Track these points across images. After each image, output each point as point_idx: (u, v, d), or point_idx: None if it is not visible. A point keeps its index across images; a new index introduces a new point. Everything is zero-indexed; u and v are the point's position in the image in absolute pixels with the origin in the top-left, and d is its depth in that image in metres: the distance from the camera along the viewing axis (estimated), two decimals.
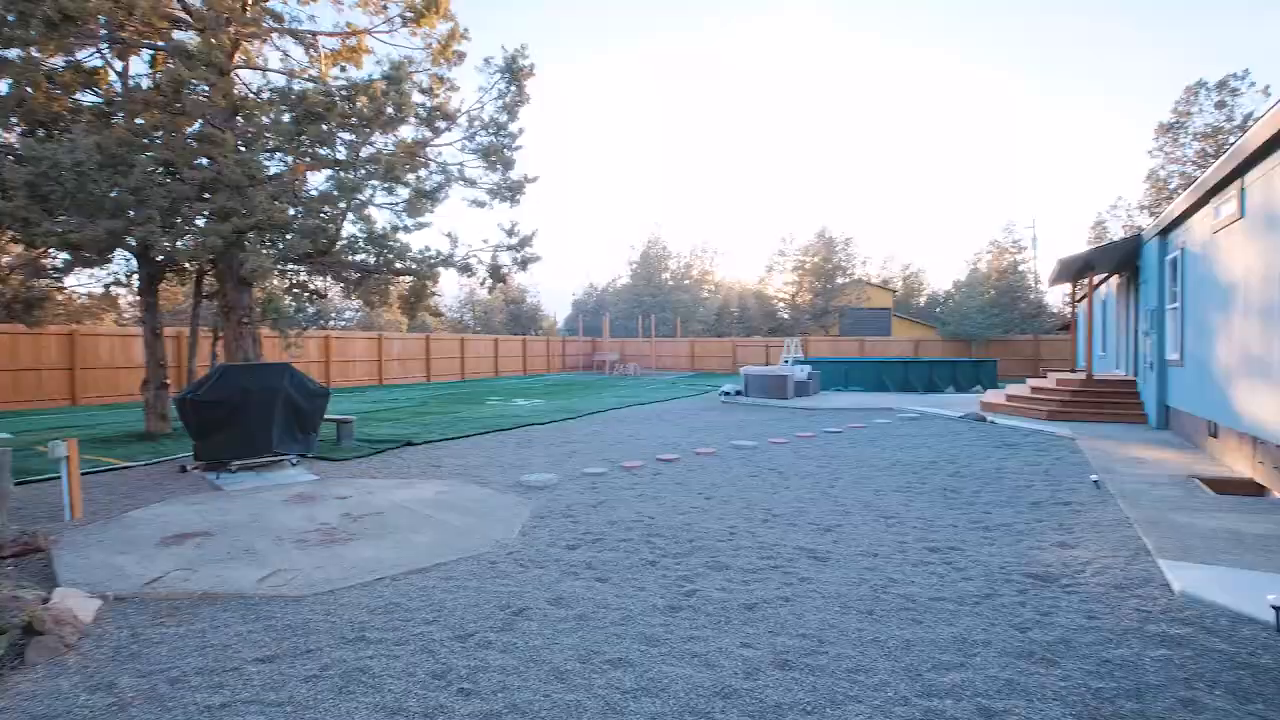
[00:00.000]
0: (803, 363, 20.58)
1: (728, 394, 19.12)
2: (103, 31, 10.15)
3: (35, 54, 9.71)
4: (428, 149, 12.15)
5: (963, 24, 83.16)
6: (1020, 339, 33.74)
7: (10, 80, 9.78)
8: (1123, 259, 14.46)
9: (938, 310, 47.23)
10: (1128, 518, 6.08)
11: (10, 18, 9.12)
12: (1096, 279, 16.86)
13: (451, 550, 5.37)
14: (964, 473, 8.46)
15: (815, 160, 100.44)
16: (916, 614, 4.04)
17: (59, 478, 6.71)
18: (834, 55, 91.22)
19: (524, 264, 12.39)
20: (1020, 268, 39.00)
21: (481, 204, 12.59)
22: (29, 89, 9.86)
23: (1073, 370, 17.15)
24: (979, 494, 7.26)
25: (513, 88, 11.93)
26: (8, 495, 6.46)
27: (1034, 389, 14.83)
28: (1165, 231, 11.57)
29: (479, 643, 3.67)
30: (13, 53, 9.63)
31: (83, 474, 7.54)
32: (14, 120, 10.20)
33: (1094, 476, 7.78)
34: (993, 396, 16.15)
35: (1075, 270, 15.35)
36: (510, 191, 12.40)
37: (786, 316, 45.93)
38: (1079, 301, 18.85)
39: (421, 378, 29.61)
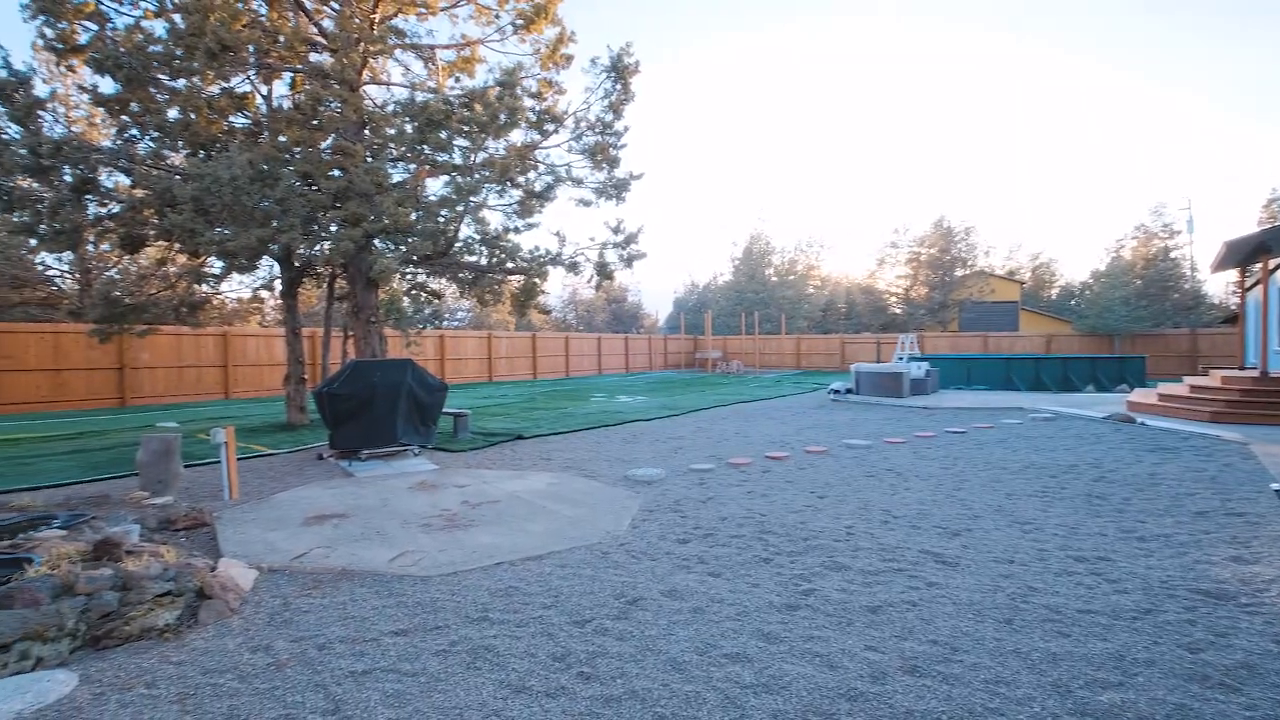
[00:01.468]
0: (919, 359, 19.49)
1: (837, 392, 18.45)
2: (251, 59, 11.21)
3: (197, 83, 10.89)
4: (536, 151, 12.53)
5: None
6: (1173, 333, 30.37)
7: (179, 108, 11.02)
8: None
9: (1073, 303, 43.35)
10: None
11: (179, 52, 10.26)
12: (1272, 263, 14.84)
13: (565, 539, 5.47)
14: (1111, 478, 7.67)
15: (931, 149, 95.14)
16: (1063, 626, 3.68)
17: (218, 462, 7.44)
18: (955, 40, 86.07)
19: (630, 261, 12.50)
20: (1172, 254, 35.03)
21: (588, 203, 12.84)
22: (193, 115, 11.07)
23: (1241, 367, 15.20)
24: (1130, 501, 6.56)
25: (618, 86, 12.08)
26: (179, 476, 7.27)
27: (1193, 388, 13.27)
28: None
29: (596, 629, 3.70)
30: (180, 83, 10.84)
31: (237, 459, 8.33)
32: (180, 144, 11.49)
33: (1275, 485, 6.83)
34: (1141, 396, 14.60)
35: (1245, 254, 13.58)
36: (616, 189, 12.56)
37: (899, 311, 43.78)
38: (1249, 290, 16.71)
39: (528, 375, 30.68)
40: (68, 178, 10.70)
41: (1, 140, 10.17)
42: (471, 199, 10.97)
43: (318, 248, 11.23)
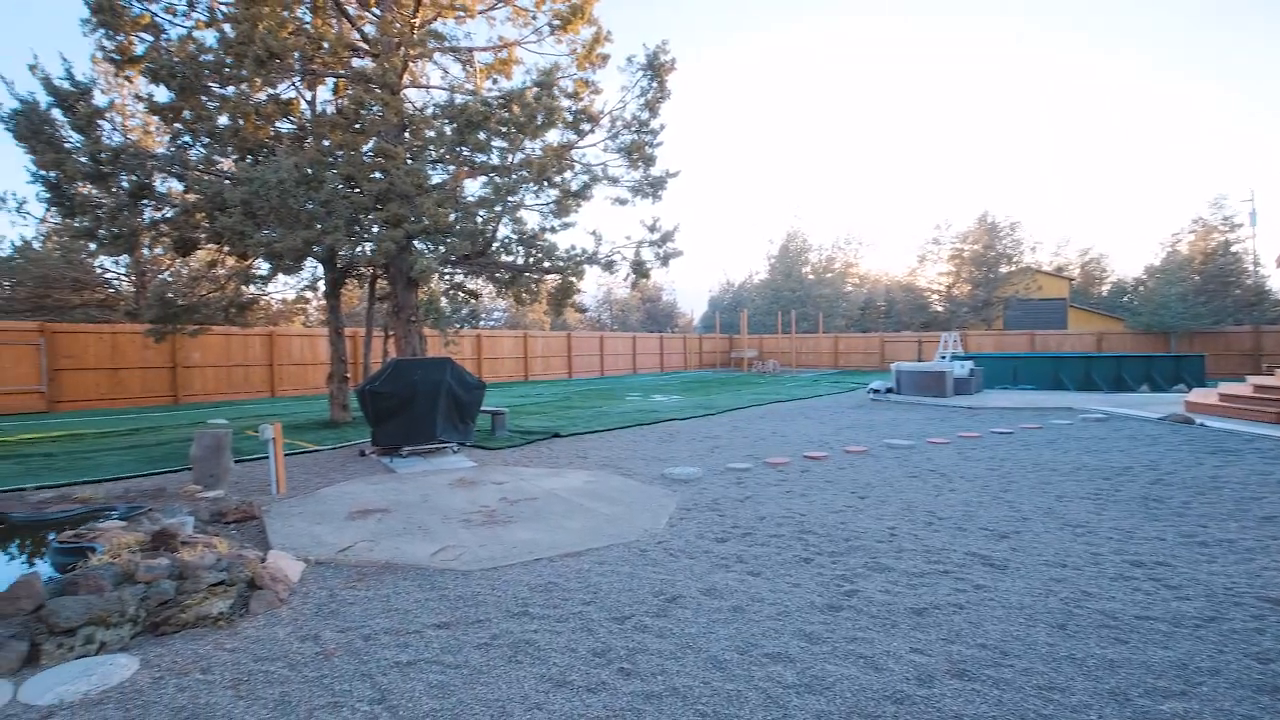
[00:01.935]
0: (962, 358, 19.02)
1: (877, 391, 18.13)
2: (296, 65, 11.52)
3: (246, 90, 11.23)
4: (573, 151, 12.59)
5: None
6: (1235, 330, 29.02)
7: (228, 114, 11.39)
8: None
9: (1125, 299, 41.78)
10: None
11: (229, 61, 10.60)
12: None
13: (602, 536, 5.48)
14: (1168, 481, 7.37)
15: (975, 144, 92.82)
16: (1120, 632, 3.54)
17: (266, 458, 7.66)
18: (1002, 32, 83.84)
19: (666, 259, 12.47)
20: (1233, 248, 33.49)
21: (624, 201, 12.85)
22: (241, 121, 11.42)
23: None
24: (1189, 505, 6.28)
25: (654, 84, 12.06)
26: (230, 470, 7.50)
27: (1257, 388, 12.66)
28: None
29: (635, 626, 3.69)
30: (230, 90, 11.20)
31: (284, 455, 8.55)
32: (230, 149, 11.87)
33: None
34: (1200, 396, 14.00)
35: None
36: (652, 188, 12.54)
37: (941, 309, 42.80)
38: None
39: (563, 374, 30.88)
40: (125, 184, 11.14)
41: (64, 148, 10.64)
42: (509, 199, 11.08)
43: (360, 248, 11.49)
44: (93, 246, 12.06)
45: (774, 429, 12.19)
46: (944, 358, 18.58)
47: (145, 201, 11.54)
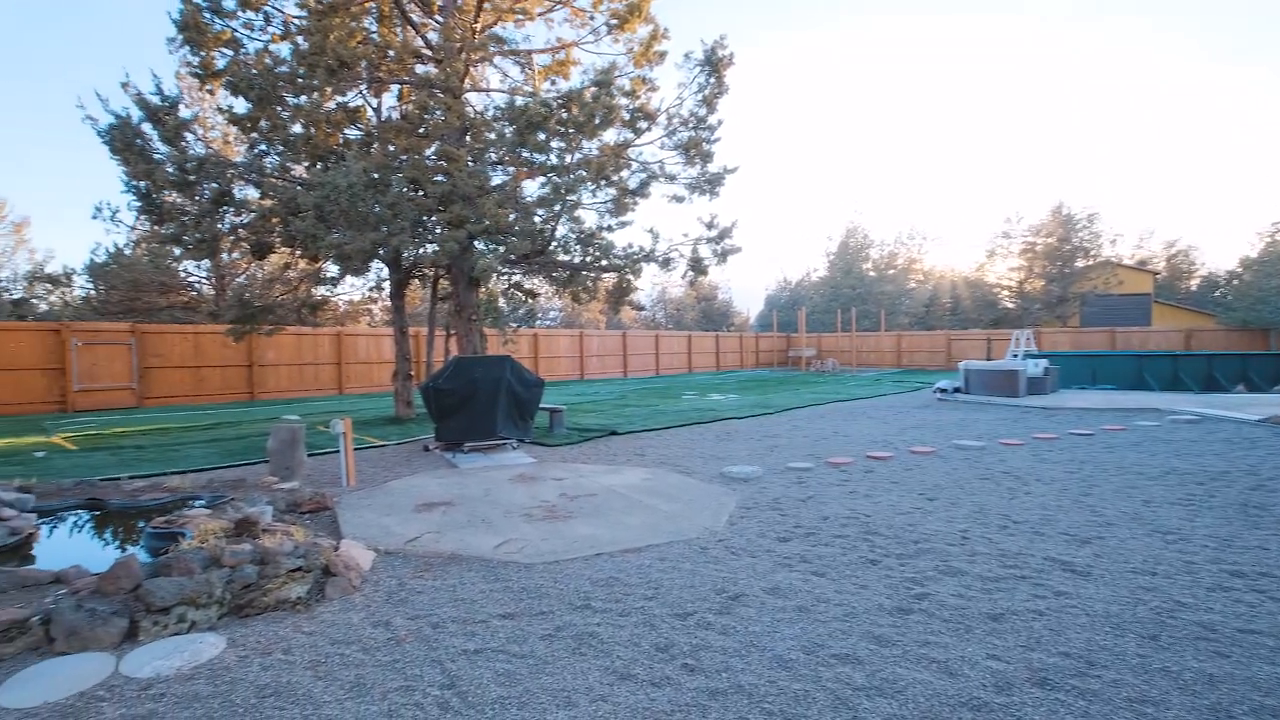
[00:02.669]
0: (1036, 356, 18.19)
1: (944, 391, 17.51)
2: (364, 73, 11.93)
3: (317, 99, 11.71)
4: (629, 149, 12.62)
5: None
6: None
7: (301, 123, 11.90)
8: None
9: (1217, 294, 39.16)
10: None
11: (301, 71, 11.07)
12: None
13: (662, 533, 5.46)
14: (1271, 486, 6.84)
15: (1049, 132, 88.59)
16: (1219, 646, 3.30)
17: (337, 451, 7.95)
18: (1076, 16, 79.81)
19: (723, 256, 12.36)
20: None
21: (680, 199, 12.79)
22: (313, 129, 11.92)
23: None
24: None
25: (711, 80, 11.96)
26: (303, 463, 7.82)
27: None
28: None
29: (698, 623, 3.66)
30: (302, 99, 11.69)
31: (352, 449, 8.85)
32: (302, 156, 12.40)
33: None
34: None
35: None
36: (709, 184, 12.45)
37: (1012, 306, 41.03)
38: None
39: (618, 373, 31.04)
40: (207, 191, 11.78)
41: (154, 160, 11.33)
42: (568, 198, 11.20)
43: (424, 249, 11.82)
44: (178, 251, 12.80)
45: (835, 428, 11.93)
46: (1016, 356, 17.79)
47: (225, 208, 12.17)
